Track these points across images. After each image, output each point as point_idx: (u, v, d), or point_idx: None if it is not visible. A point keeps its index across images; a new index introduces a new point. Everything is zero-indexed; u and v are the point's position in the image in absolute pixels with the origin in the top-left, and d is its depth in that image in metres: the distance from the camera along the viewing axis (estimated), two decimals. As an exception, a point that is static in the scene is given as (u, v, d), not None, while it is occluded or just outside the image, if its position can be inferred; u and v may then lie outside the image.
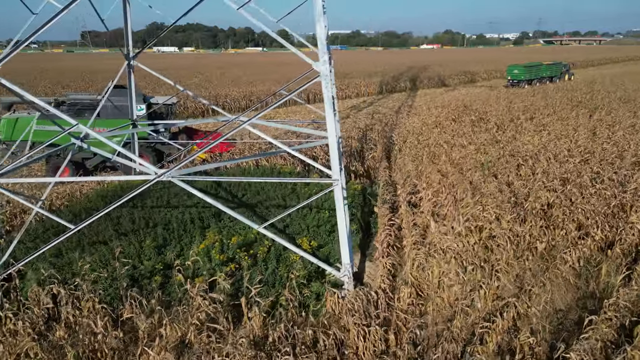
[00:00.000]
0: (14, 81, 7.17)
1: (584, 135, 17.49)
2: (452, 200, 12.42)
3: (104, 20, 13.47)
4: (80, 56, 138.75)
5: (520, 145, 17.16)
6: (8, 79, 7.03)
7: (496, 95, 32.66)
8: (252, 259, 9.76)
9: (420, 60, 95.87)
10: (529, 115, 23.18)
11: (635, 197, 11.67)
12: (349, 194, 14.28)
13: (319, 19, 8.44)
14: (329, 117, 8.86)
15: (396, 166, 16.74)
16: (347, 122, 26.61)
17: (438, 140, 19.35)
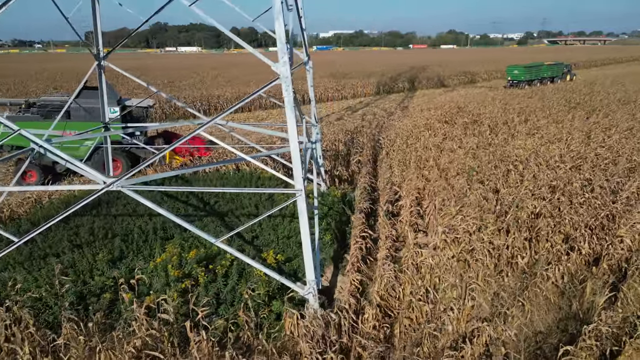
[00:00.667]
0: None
1: (578, 139, 16.75)
2: (434, 209, 11.74)
3: (68, 19, 12.84)
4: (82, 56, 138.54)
5: (511, 149, 16.44)
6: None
7: (492, 97, 31.91)
8: (212, 274, 9.12)
9: (422, 60, 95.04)
10: (524, 117, 22.44)
11: (627, 207, 10.95)
12: (328, 202, 13.65)
13: (278, 16, 7.77)
14: (290, 122, 8.19)
15: (381, 171, 16.07)
16: (337, 124, 25.95)
17: (427, 144, 18.66)
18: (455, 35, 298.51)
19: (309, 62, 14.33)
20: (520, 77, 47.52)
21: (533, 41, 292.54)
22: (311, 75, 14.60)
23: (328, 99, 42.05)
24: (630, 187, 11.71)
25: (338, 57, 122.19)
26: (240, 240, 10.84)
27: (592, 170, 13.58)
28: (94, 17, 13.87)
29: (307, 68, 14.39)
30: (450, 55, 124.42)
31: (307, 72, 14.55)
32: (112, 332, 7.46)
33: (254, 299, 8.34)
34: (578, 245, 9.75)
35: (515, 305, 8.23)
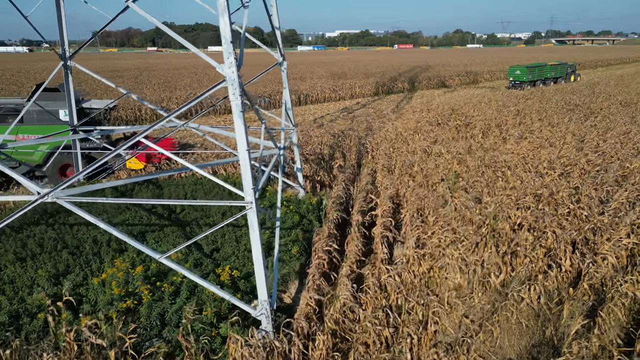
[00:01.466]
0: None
1: (571, 144, 15.95)
2: (410, 219, 11.03)
3: (27, 17, 12.27)
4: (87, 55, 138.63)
5: (498, 155, 15.66)
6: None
7: (489, 98, 31.05)
8: (160, 291, 8.48)
9: (427, 59, 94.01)
10: (518, 120, 21.63)
11: (614, 219, 10.17)
12: (302, 209, 12.98)
13: (223, 13, 7.10)
14: (239, 130, 7.53)
15: (362, 177, 15.36)
16: (329, 126, 25.22)
17: (415, 148, 17.93)
18: (461, 35, 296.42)
19: (284, 63, 13.68)
20: (522, 78, 46.55)
21: (541, 41, 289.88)
22: (285, 76, 13.94)
23: (325, 100, 41.34)
24: (619, 197, 10.92)
25: (340, 57, 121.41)
26: (200, 253, 10.19)
27: (581, 178, 12.80)
28: (58, 16, 13.31)
29: (282, 69, 13.74)
30: (457, 55, 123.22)
31: (282, 73, 13.89)
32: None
33: (201, 321, 7.70)
34: (559, 262, 9.02)
35: (484, 330, 7.51)
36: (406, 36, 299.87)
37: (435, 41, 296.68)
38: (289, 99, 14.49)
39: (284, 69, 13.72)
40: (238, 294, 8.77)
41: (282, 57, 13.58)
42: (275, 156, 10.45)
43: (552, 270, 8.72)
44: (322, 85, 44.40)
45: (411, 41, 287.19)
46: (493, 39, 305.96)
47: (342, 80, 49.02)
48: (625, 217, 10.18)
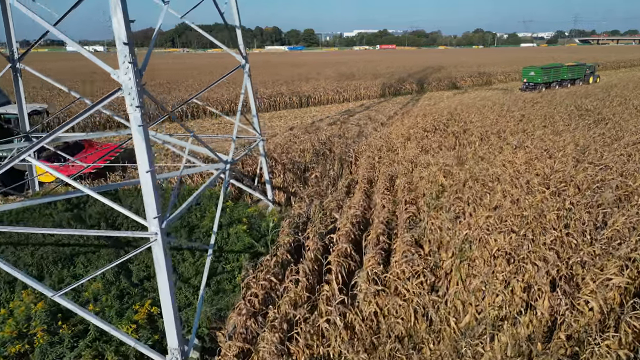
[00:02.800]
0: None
1: (571, 155, 14.36)
2: (371, 245, 9.72)
3: None
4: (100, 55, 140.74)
5: (488, 167, 14.18)
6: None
7: (493, 102, 29.33)
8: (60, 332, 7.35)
9: (442, 60, 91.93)
10: (520, 126, 20.02)
11: (606, 251, 8.67)
12: (262, 228, 11.77)
13: (115, 9, 5.90)
14: (139, 147, 6.35)
15: (338, 190, 14.07)
16: (327, 130, 23.90)
17: (402, 157, 16.57)
18: (482, 35, 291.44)
19: (247, 65, 12.48)
20: (537, 79, 44.53)
21: (564, 40, 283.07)
22: (249, 80, 12.74)
23: (328, 102, 40.07)
24: (614, 224, 9.40)
25: (352, 57, 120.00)
26: (128, 281, 9.06)
27: (576, 196, 11.27)
28: (4, 16, 12.33)
29: (245, 72, 12.54)
30: (473, 55, 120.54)
31: (245, 77, 12.71)
32: None
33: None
34: (534, 304, 7.61)
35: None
36: (425, 36, 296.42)
37: (455, 41, 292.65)
38: (254, 106, 13.31)
39: (246, 72, 12.52)
40: (157, 335, 7.62)
41: (244, 60, 12.39)
42: (217, 173, 9.23)
43: (526, 314, 7.32)
44: (325, 86, 43.11)
45: (430, 41, 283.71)
46: (514, 38, 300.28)
47: (347, 81, 47.68)
48: (620, 248, 8.68)
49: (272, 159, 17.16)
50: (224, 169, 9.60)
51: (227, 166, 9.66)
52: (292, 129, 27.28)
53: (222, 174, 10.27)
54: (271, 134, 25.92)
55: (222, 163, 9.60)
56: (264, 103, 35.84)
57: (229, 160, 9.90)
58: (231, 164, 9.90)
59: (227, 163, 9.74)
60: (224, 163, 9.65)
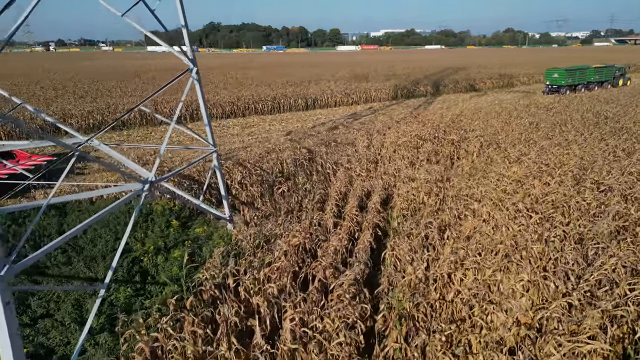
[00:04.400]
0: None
1: (572, 172, 12.54)
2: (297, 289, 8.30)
3: None
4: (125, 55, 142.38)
5: (473, 185, 12.52)
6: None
7: (503, 107, 27.30)
8: None
9: (464, 60, 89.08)
10: (526, 135, 18.15)
11: (589, 300, 7.01)
12: (205, 252, 10.49)
13: None
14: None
15: (304, 207, 12.67)
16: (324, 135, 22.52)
17: (385, 170, 15.06)
18: (512, 34, 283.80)
19: (194, 69, 11.19)
20: (561, 82, 41.93)
21: (599, 40, 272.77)
22: (199, 85, 11.46)
23: (336, 104, 38.61)
24: (604, 264, 7.70)
25: (366, 58, 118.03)
26: (27, 316, 7.91)
27: (568, 225, 9.55)
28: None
29: (193, 75, 11.25)
30: (499, 55, 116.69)
31: (195, 82, 11.43)
32: None
33: None
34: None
35: None
36: (453, 35, 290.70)
37: (484, 40, 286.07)
38: (205, 114, 12.01)
39: (194, 77, 11.24)
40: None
41: (192, 63, 11.11)
42: (127, 197, 7.95)
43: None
44: (333, 88, 41.64)
45: (458, 41, 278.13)
46: (547, 38, 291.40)
47: (359, 83, 46.07)
48: (605, 298, 7.00)
49: (246, 169, 15.91)
50: (141, 191, 8.32)
51: (145, 186, 8.37)
52: (289, 134, 26.00)
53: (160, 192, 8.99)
54: (264, 139, 24.72)
55: (137, 183, 8.32)
56: (267, 105, 34.65)
57: (151, 179, 8.61)
58: (152, 184, 8.59)
59: (147, 182, 8.45)
60: (141, 183, 8.37)
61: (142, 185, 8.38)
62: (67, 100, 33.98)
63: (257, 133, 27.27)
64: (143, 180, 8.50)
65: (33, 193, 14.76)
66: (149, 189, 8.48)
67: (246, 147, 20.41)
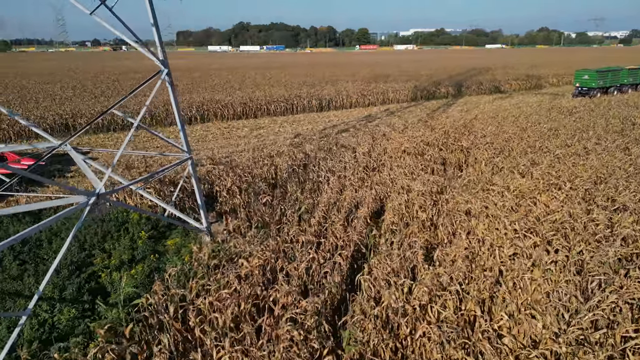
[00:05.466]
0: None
1: (582, 187, 11.25)
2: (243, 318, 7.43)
3: None
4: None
5: (471, 199, 11.38)
6: None
7: (518, 109, 25.72)
8: None
9: (492, 60, 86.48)
10: (541, 143, 16.77)
11: (577, 348, 5.89)
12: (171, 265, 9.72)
13: None
14: None
15: (286, 219, 11.80)
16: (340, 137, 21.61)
17: (382, 179, 14.05)
18: (547, 33, 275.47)
19: (164, 71, 10.43)
20: (591, 84, 39.68)
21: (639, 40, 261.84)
22: (171, 88, 10.71)
23: (352, 106, 37.60)
24: (601, 303, 6.54)
25: (394, 57, 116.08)
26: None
27: (571, 250, 8.36)
28: None
29: (163, 78, 10.50)
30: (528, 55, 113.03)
31: (167, 85, 10.70)
32: None
33: None
34: None
35: None
36: (484, 35, 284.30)
37: (517, 40, 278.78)
38: (179, 118, 11.25)
39: (164, 78, 10.50)
40: None
41: (162, 64, 10.37)
42: (65, 212, 7.23)
43: None
44: (349, 89, 40.61)
45: (489, 40, 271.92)
46: (583, 37, 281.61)
47: (377, 83, 44.89)
48: (600, 341, 5.88)
49: (237, 176, 15.17)
50: (86, 204, 7.61)
51: (90, 200, 7.66)
52: (297, 136, 25.21)
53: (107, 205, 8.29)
54: (271, 141, 24.00)
55: (81, 196, 7.61)
56: (280, 107, 33.93)
57: (98, 192, 7.88)
58: (99, 197, 7.87)
59: (91, 196, 7.73)
60: (85, 196, 7.66)
61: (86, 199, 7.67)
62: (81, 100, 34.12)
63: (264, 135, 26.58)
64: (89, 192, 7.79)
65: (16, 197, 14.42)
66: (95, 202, 7.76)
67: (242, 150, 19.76)
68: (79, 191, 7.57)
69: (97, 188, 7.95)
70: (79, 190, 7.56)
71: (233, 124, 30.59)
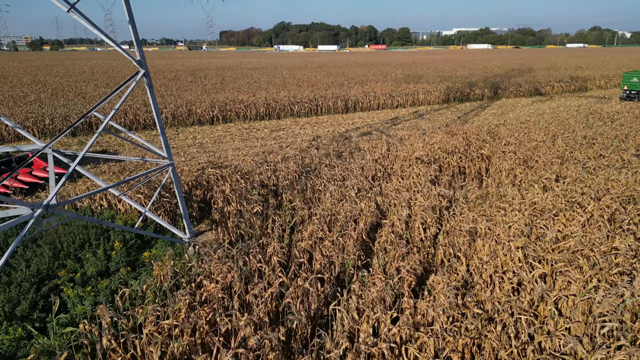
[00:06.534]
0: None
1: (614, 207, 9.78)
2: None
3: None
4: (196, 54, 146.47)
5: (477, 218, 10.12)
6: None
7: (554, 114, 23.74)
8: None
9: (534, 61, 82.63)
10: (571, 153, 15.15)
11: None
12: (142, 280, 9.06)
13: None
14: None
15: (272, 235, 10.92)
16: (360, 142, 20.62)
17: (382, 191, 12.96)
18: (599, 33, 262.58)
19: (141, 72, 9.74)
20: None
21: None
22: (150, 91, 10.03)
23: (379, 107, 36.36)
24: (613, 357, 5.28)
25: (431, 57, 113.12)
26: None
27: (581, 284, 7.06)
28: None
29: (138, 79, 9.81)
30: (577, 56, 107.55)
31: (146, 86, 10.01)
32: None
33: None
34: None
35: None
36: (532, 34, 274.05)
37: (567, 39, 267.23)
38: (159, 122, 10.54)
39: (144, 80, 9.82)
40: None
41: (140, 65, 9.68)
42: (10, 221, 6.61)
43: None
44: (377, 90, 39.33)
45: (537, 40, 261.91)
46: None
47: (406, 84, 43.33)
48: None
49: (236, 181, 14.44)
50: (30, 216, 6.99)
51: (36, 212, 7.02)
52: (316, 139, 24.31)
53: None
54: (287, 144, 23.21)
55: (25, 208, 6.99)
56: (304, 108, 33.12)
57: (46, 203, 7.24)
58: (45, 209, 7.22)
59: (38, 207, 7.09)
60: (30, 209, 7.03)
61: (30, 211, 7.04)
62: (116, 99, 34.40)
63: (283, 137, 25.83)
64: (35, 204, 7.15)
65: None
66: (40, 215, 7.12)
67: (246, 155, 19.07)
68: (22, 203, 6.94)
69: (48, 199, 7.31)
70: (22, 202, 6.92)
71: (255, 124, 30.03)
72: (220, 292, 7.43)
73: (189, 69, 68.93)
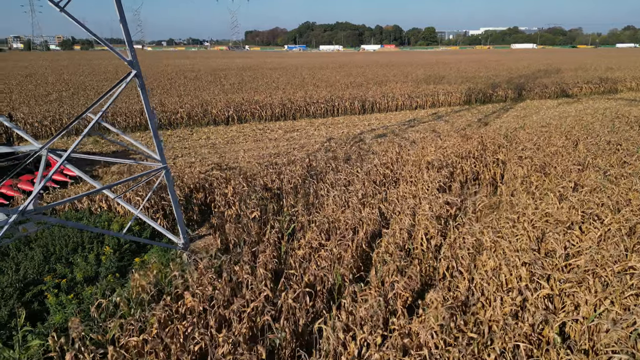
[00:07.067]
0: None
1: (635, 220, 9.01)
2: None
3: None
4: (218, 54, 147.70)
5: (481, 230, 9.49)
6: None
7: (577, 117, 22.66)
8: None
9: (562, 61, 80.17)
10: (592, 160, 14.27)
11: None
12: (126, 289, 8.77)
13: None
14: None
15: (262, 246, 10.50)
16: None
17: (386, 197, 12.41)
18: (633, 32, 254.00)
19: (132, 73, 9.42)
20: (675, 88, 35.13)
21: None
22: (142, 91, 9.72)
23: (397, 108, 35.62)
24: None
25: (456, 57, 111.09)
26: None
27: (594, 313, 6.40)
28: None
29: (129, 80, 9.48)
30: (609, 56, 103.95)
31: (138, 87, 9.71)
32: None
33: None
34: None
35: None
36: (562, 33, 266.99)
37: (599, 39, 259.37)
38: (152, 124, 10.23)
39: (135, 81, 9.52)
40: None
41: (131, 65, 9.37)
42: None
43: None
44: (396, 91, 38.57)
45: (568, 39, 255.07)
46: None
47: (426, 85, 42.41)
48: None
49: (239, 184, 14.09)
50: (5, 222, 6.73)
51: (11, 219, 6.76)
52: (329, 141, 23.84)
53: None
54: (299, 146, 22.81)
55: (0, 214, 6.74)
56: (320, 108, 32.67)
57: (22, 209, 6.98)
58: (21, 215, 6.95)
59: (13, 213, 6.83)
60: (5, 215, 6.78)
61: (4, 217, 6.79)
62: (128, 98, 34.68)
63: (297, 138, 25.43)
64: (11, 210, 6.90)
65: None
66: (15, 221, 6.86)
67: (251, 157, 18.71)
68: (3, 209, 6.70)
69: (25, 205, 7.04)
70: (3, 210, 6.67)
71: (269, 125, 29.73)
72: (200, 305, 7.04)
73: (211, 68, 69.30)
